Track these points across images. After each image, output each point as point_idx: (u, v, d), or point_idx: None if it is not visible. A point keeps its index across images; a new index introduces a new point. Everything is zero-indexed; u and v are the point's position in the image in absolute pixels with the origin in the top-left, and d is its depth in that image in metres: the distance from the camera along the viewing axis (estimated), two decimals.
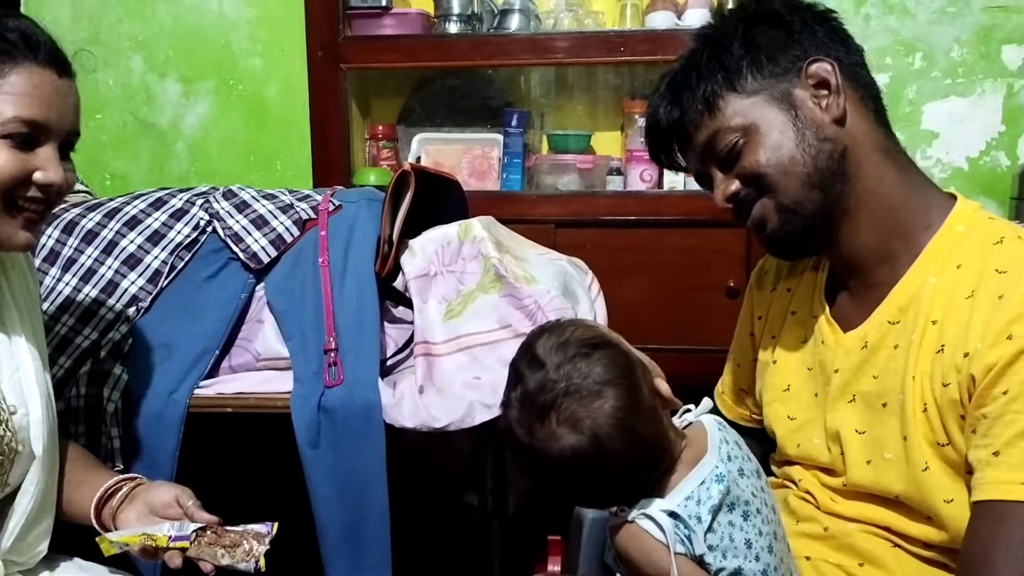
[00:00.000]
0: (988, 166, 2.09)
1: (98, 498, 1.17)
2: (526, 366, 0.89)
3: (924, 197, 1.00)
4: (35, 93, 1.01)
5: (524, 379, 0.88)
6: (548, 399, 0.86)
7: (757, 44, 0.99)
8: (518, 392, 0.89)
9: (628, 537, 0.87)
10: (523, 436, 0.87)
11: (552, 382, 0.86)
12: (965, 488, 0.90)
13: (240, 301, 1.55)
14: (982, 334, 0.88)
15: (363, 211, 1.63)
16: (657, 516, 0.85)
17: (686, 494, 0.89)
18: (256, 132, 2.23)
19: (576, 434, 0.85)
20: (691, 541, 0.86)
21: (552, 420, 0.85)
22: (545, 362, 0.87)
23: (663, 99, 1.05)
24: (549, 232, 2.04)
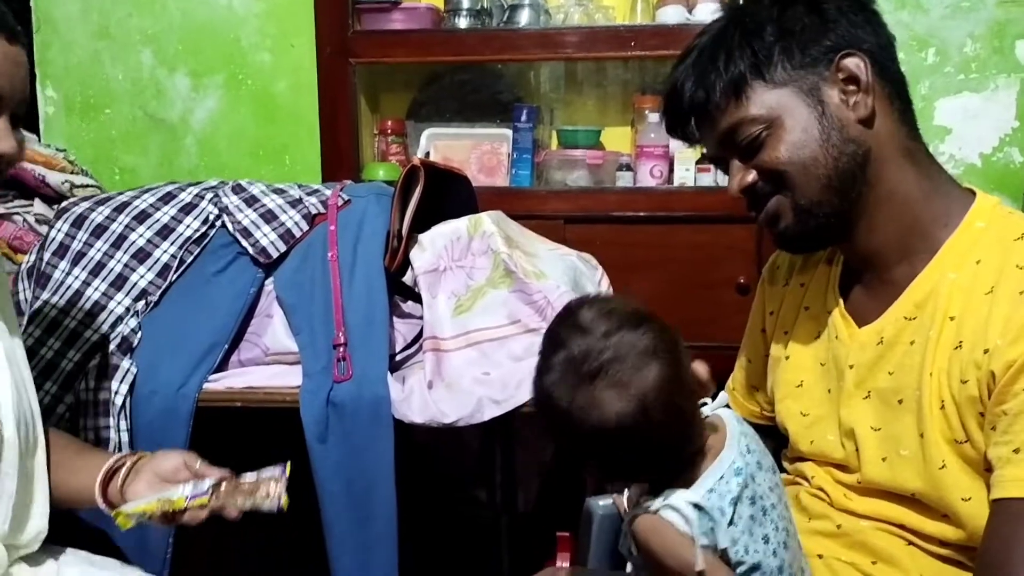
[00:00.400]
0: (1001, 162, 2.07)
1: (102, 477, 1.15)
2: (569, 333, 0.87)
3: (944, 195, 0.99)
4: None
5: (567, 344, 0.86)
6: (594, 365, 0.84)
7: (790, 30, 0.96)
8: (560, 357, 0.86)
9: (651, 529, 0.85)
10: (562, 401, 0.85)
11: (599, 349, 0.84)
12: (983, 486, 0.89)
13: (249, 295, 1.55)
14: (1002, 330, 0.87)
15: (372, 206, 1.62)
16: (682, 508, 0.84)
17: (709, 486, 0.87)
18: (265, 127, 2.23)
19: (621, 400, 0.83)
20: (715, 533, 0.85)
21: (597, 386, 0.83)
22: (591, 329, 0.86)
23: (687, 75, 1.01)
24: (558, 228, 2.03)
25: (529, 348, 1.49)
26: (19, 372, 1.14)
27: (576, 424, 0.84)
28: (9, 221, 1.77)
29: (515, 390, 1.43)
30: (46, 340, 1.47)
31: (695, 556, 0.83)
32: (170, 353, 1.48)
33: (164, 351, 1.49)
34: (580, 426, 0.84)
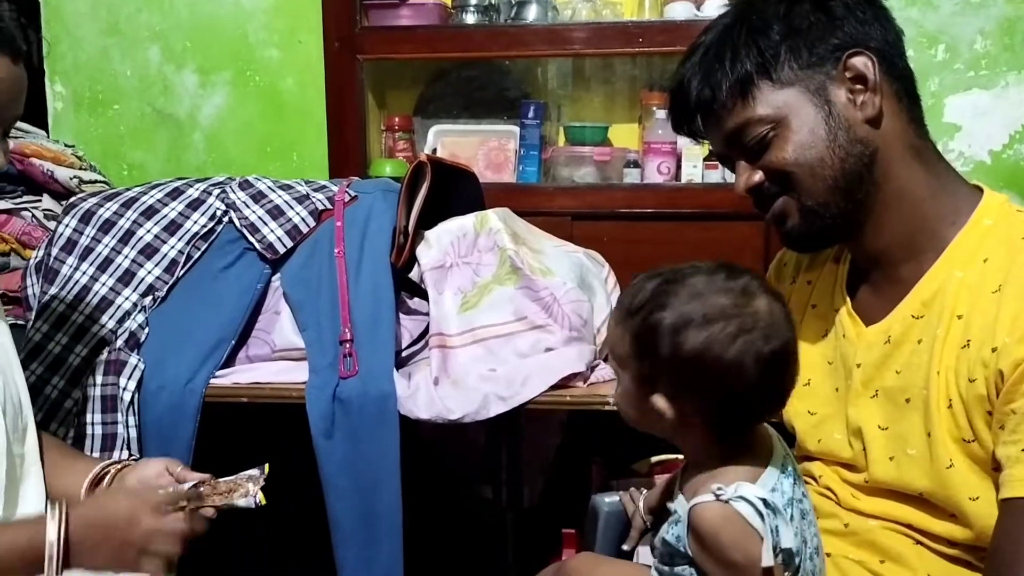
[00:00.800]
0: (1011, 159, 2.05)
1: (88, 482, 1.17)
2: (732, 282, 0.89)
3: (951, 193, 0.98)
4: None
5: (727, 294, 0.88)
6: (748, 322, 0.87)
7: (797, 28, 0.96)
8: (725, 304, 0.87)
9: (723, 519, 0.83)
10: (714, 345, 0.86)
11: (752, 314, 0.87)
12: (991, 485, 0.88)
13: (256, 291, 1.55)
14: (1010, 329, 0.87)
15: (379, 202, 1.62)
16: (756, 502, 0.83)
17: (771, 485, 0.87)
18: (272, 123, 2.23)
19: (768, 344, 0.86)
20: (779, 532, 0.83)
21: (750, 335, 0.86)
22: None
23: (694, 73, 1.01)
24: (565, 225, 2.03)
25: (535, 345, 1.49)
26: (5, 357, 1.14)
27: (715, 356, 0.86)
28: (18, 217, 1.78)
29: (521, 387, 1.43)
30: (54, 335, 1.48)
31: (764, 552, 0.82)
32: (177, 349, 1.49)
33: (171, 347, 1.49)
34: (720, 357, 0.85)
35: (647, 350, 0.88)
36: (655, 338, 0.87)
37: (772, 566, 0.82)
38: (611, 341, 0.95)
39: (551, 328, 1.49)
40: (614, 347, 0.94)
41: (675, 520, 0.89)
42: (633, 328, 0.90)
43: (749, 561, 0.82)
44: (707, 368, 0.85)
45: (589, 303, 1.54)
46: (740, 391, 0.86)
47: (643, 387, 0.90)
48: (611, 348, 0.95)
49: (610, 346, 0.95)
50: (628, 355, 0.91)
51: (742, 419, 0.90)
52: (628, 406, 0.94)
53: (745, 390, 0.86)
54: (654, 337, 0.87)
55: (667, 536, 0.89)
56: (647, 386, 0.89)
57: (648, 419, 0.92)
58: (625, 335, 0.91)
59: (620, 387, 0.95)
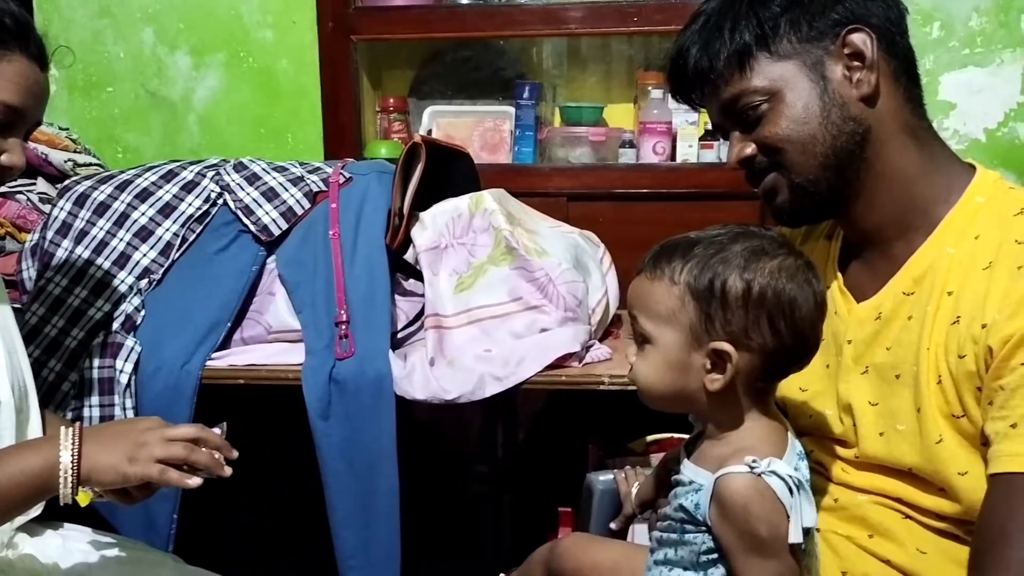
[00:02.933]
0: (1006, 138, 2.05)
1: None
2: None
3: (944, 172, 0.98)
4: (23, 84, 1.06)
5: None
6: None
7: (799, 1, 0.96)
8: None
9: (755, 491, 0.83)
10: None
11: (799, 254, 0.90)
12: (980, 460, 0.89)
13: (251, 273, 1.56)
14: (1000, 305, 0.87)
15: (374, 183, 1.62)
16: (787, 479, 0.83)
17: (794, 464, 0.88)
18: (267, 105, 2.22)
19: (819, 283, 0.90)
20: (802, 510, 0.84)
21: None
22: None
23: (693, 41, 1.01)
24: (561, 205, 2.03)
25: (530, 325, 1.49)
26: (10, 337, 1.16)
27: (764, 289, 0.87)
28: (13, 200, 1.77)
29: (516, 367, 1.43)
30: (50, 318, 1.48)
31: (792, 529, 0.82)
32: (173, 331, 1.49)
33: (167, 329, 1.50)
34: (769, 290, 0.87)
35: (711, 294, 0.87)
36: (721, 279, 0.86)
37: (799, 543, 0.83)
38: (647, 301, 0.91)
39: (546, 309, 1.50)
40: (654, 306, 0.90)
41: (695, 488, 0.89)
42: (689, 277, 0.88)
43: (773, 535, 0.83)
44: (777, 299, 0.86)
45: (584, 283, 1.55)
46: (800, 325, 0.87)
47: (697, 338, 0.88)
48: (646, 309, 0.91)
49: (643, 308, 0.91)
50: (677, 308, 0.88)
51: (791, 362, 0.91)
52: (662, 371, 0.90)
53: (803, 324, 0.87)
54: (720, 278, 0.87)
55: (685, 502, 0.89)
56: (705, 335, 0.87)
57: (683, 382, 0.90)
58: (673, 287, 0.88)
59: (653, 353, 0.91)
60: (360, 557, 1.48)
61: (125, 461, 0.98)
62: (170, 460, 0.99)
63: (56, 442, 0.97)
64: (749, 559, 0.84)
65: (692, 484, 0.89)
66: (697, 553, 0.88)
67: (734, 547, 0.85)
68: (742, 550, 0.84)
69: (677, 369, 0.90)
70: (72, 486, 0.97)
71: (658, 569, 0.93)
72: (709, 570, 0.88)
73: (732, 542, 0.85)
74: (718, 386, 0.88)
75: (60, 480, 0.96)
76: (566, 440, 1.85)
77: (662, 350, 0.90)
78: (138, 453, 0.98)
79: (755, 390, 0.90)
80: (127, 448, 0.98)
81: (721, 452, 0.89)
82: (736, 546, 0.85)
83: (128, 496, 1.05)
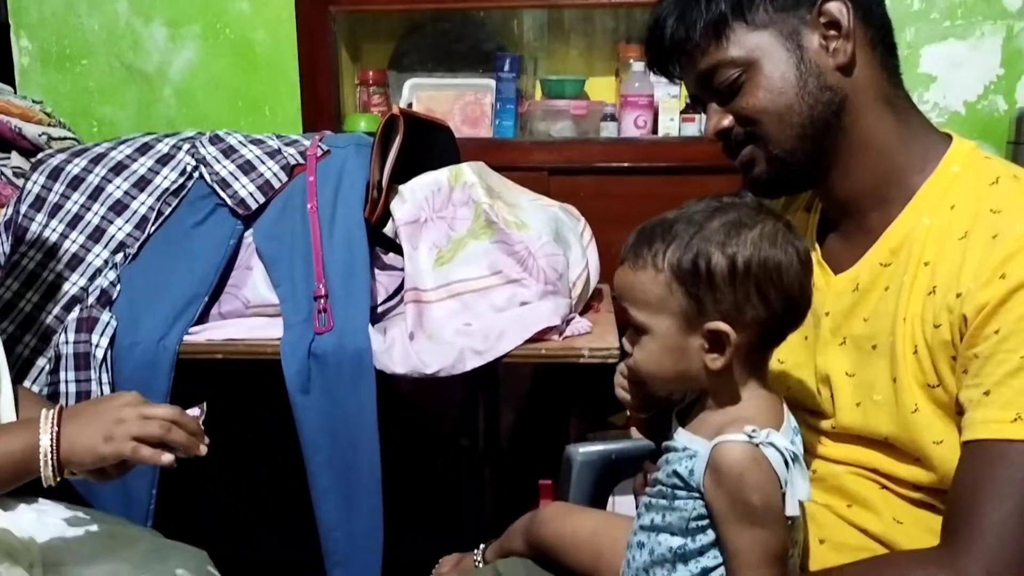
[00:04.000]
0: (986, 110, 2.06)
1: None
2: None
3: (921, 141, 0.98)
4: None
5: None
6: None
7: None
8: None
9: (752, 460, 0.83)
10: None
11: (775, 219, 0.90)
12: (955, 430, 0.89)
13: (229, 247, 1.54)
14: (975, 274, 0.87)
15: (352, 156, 1.61)
16: (784, 451, 0.83)
17: (789, 437, 0.88)
18: (244, 77, 2.19)
19: (800, 242, 0.90)
20: (796, 484, 0.84)
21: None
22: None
23: (670, 12, 1.00)
24: (542, 179, 2.02)
25: (510, 299, 1.49)
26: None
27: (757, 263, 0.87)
28: None
29: (496, 341, 1.43)
30: (24, 293, 1.47)
31: (788, 502, 0.83)
32: (150, 306, 1.48)
33: (144, 304, 1.48)
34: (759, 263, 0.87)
35: (696, 276, 0.86)
36: (704, 258, 0.86)
37: (795, 515, 0.84)
38: (634, 292, 0.91)
39: (526, 282, 1.50)
40: (641, 296, 0.90)
41: (689, 455, 0.89)
42: (672, 262, 0.88)
43: (765, 506, 0.83)
44: (763, 270, 0.86)
45: (564, 257, 1.54)
46: (789, 290, 0.87)
47: (690, 322, 0.88)
48: (635, 300, 0.91)
49: (631, 299, 0.91)
50: (665, 295, 0.88)
51: (784, 328, 0.91)
52: (661, 357, 0.90)
53: (792, 289, 0.88)
54: (703, 258, 0.86)
55: (679, 468, 0.89)
56: (698, 318, 0.87)
57: (684, 365, 0.90)
58: (658, 275, 0.88)
59: (650, 342, 0.91)
60: (342, 530, 1.48)
61: (101, 441, 0.97)
62: (146, 439, 0.98)
63: (35, 425, 0.97)
64: (739, 527, 0.85)
65: (686, 451, 0.90)
66: (687, 519, 0.89)
67: (725, 515, 0.85)
68: (733, 518, 0.85)
69: (676, 354, 0.90)
70: (53, 469, 0.97)
71: (644, 534, 0.93)
72: (697, 536, 0.89)
73: (724, 510, 0.85)
74: (719, 364, 0.88)
75: (40, 463, 0.96)
76: (547, 413, 1.85)
77: (658, 338, 0.90)
78: (114, 431, 0.97)
79: (752, 361, 0.90)
80: (104, 427, 0.98)
81: (719, 420, 0.89)
82: (728, 514, 0.85)
83: (103, 474, 1.04)
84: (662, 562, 0.91)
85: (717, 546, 0.88)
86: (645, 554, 0.93)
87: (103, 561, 1.18)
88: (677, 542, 0.90)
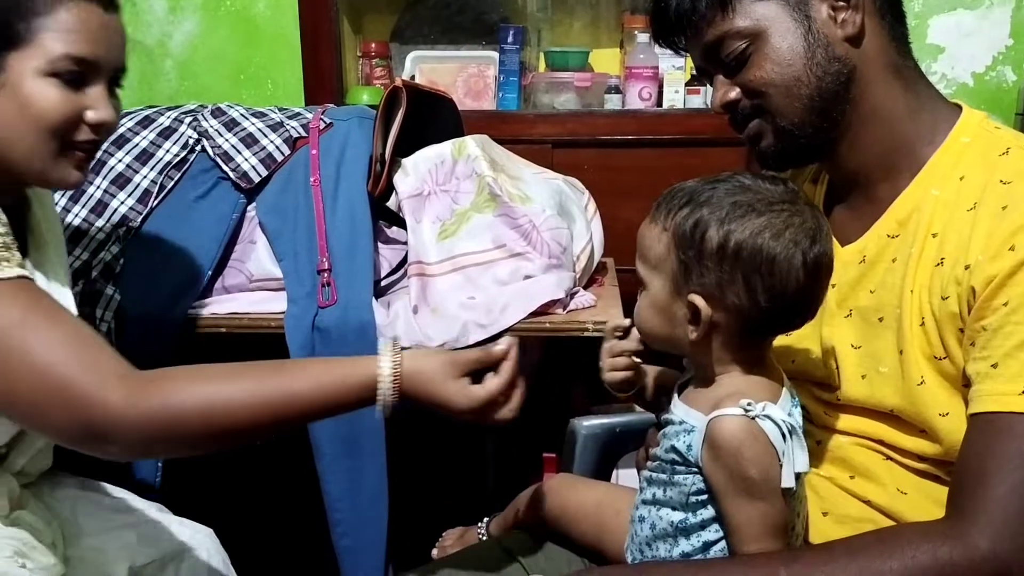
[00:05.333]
0: (994, 82, 2.04)
1: None
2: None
3: (930, 112, 0.97)
4: (83, 29, 0.99)
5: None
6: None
7: None
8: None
9: (748, 433, 0.83)
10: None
11: (800, 212, 0.88)
12: (961, 402, 0.89)
13: (232, 221, 1.53)
14: (984, 246, 0.87)
15: (355, 129, 1.60)
16: (781, 423, 0.83)
17: (788, 409, 0.88)
18: (246, 49, 2.18)
19: (815, 245, 0.88)
20: (794, 456, 0.84)
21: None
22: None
23: None
24: (546, 152, 2.01)
25: (514, 272, 1.48)
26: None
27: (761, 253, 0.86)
28: None
29: (500, 314, 1.43)
30: None
31: (784, 474, 0.83)
32: (154, 280, 1.48)
33: (148, 278, 1.48)
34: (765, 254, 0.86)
35: (690, 243, 0.86)
36: (701, 229, 0.86)
37: (791, 487, 0.84)
38: (643, 246, 0.92)
39: (530, 255, 1.49)
40: (646, 251, 0.91)
41: (686, 429, 0.89)
42: (676, 223, 0.88)
43: (763, 478, 0.83)
44: (753, 258, 0.85)
45: (568, 230, 1.54)
46: (779, 288, 0.86)
47: (678, 287, 0.88)
48: (641, 254, 0.92)
49: (640, 252, 0.92)
50: (664, 255, 0.89)
51: (773, 324, 0.90)
52: (652, 315, 0.92)
53: (784, 288, 0.86)
54: (700, 228, 0.86)
55: (677, 443, 0.89)
56: (684, 285, 0.88)
57: (670, 328, 0.90)
58: (663, 234, 0.89)
59: (645, 298, 0.93)
60: (347, 500, 1.49)
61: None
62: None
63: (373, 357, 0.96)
64: (738, 501, 0.85)
65: (683, 424, 0.89)
66: (686, 494, 0.89)
67: (724, 489, 0.85)
68: (732, 492, 0.85)
69: (664, 315, 0.91)
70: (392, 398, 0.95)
71: (646, 508, 0.94)
72: (698, 511, 0.89)
73: (723, 484, 0.85)
74: (694, 337, 0.89)
75: (380, 389, 0.95)
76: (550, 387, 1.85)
77: (652, 295, 0.91)
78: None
79: (736, 345, 0.89)
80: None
81: (715, 394, 0.89)
82: (726, 488, 0.85)
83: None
84: (664, 536, 0.91)
85: (718, 520, 0.88)
86: (647, 528, 0.93)
87: (112, 531, 1.19)
88: (678, 516, 0.90)
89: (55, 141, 1.01)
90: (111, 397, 0.87)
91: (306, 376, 0.95)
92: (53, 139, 1.00)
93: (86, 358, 0.90)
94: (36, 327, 0.89)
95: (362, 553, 1.50)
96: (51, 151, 1.01)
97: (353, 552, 1.51)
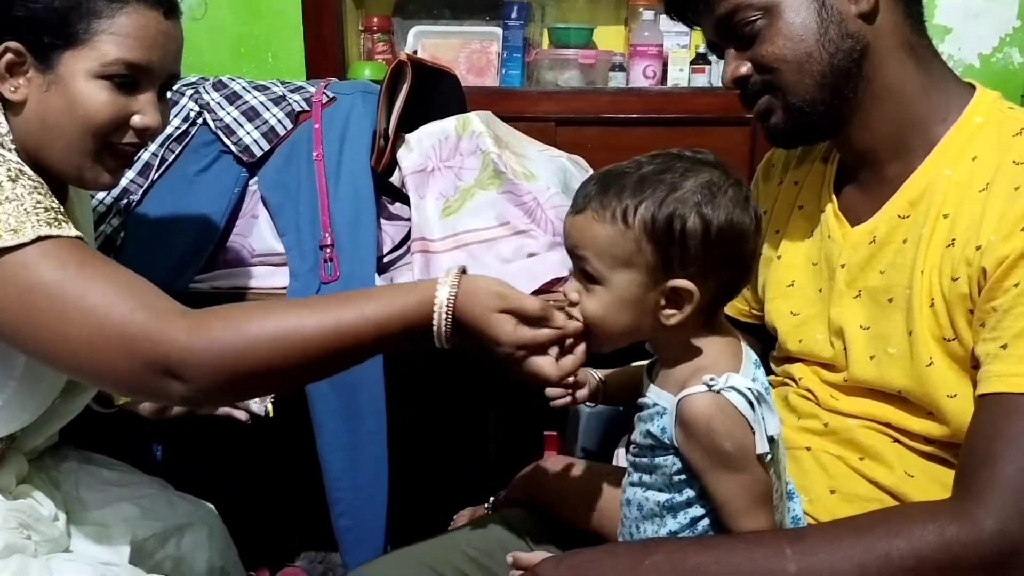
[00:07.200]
0: (1001, 63, 2.03)
1: None
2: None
3: (943, 91, 0.96)
4: (140, 35, 0.99)
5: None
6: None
7: None
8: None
9: (715, 408, 0.83)
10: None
11: (736, 183, 0.88)
12: (969, 383, 0.89)
13: (233, 195, 1.53)
14: (996, 227, 0.86)
15: (358, 104, 1.58)
16: (745, 392, 0.83)
17: (752, 375, 0.87)
18: (247, 23, 2.15)
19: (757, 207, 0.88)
20: (765, 421, 0.84)
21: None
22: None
23: None
24: (549, 130, 2.00)
25: (518, 250, 1.48)
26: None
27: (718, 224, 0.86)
28: None
29: None
30: None
31: (757, 441, 0.83)
32: (155, 253, 1.47)
33: (148, 251, 1.47)
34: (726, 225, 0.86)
35: (668, 235, 0.84)
36: (680, 220, 0.84)
37: (765, 453, 0.83)
38: (595, 244, 0.88)
39: (534, 233, 1.48)
40: (604, 251, 0.87)
41: (658, 412, 0.89)
42: (643, 218, 0.85)
43: (738, 449, 0.83)
44: (732, 233, 0.85)
45: None
46: (747, 253, 0.87)
47: (655, 278, 0.86)
48: (595, 252, 0.88)
49: (592, 251, 0.88)
50: (634, 250, 0.86)
51: (737, 288, 0.91)
52: (617, 311, 0.88)
53: (749, 253, 0.87)
54: (678, 219, 0.84)
55: (651, 428, 0.89)
56: (663, 275, 0.86)
57: (638, 319, 0.88)
58: (628, 231, 0.86)
59: (604, 295, 0.89)
60: (347, 479, 1.49)
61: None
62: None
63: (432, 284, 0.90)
64: (719, 475, 0.85)
65: (656, 407, 0.89)
66: (668, 475, 0.89)
67: (703, 466, 0.85)
68: (711, 467, 0.85)
69: (631, 308, 0.88)
70: (446, 325, 0.89)
71: (632, 491, 0.94)
72: (683, 490, 0.89)
73: (700, 461, 0.85)
74: (675, 321, 0.87)
75: (435, 317, 0.89)
76: None
77: (615, 291, 0.88)
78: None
79: (702, 320, 0.89)
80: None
81: (681, 374, 0.89)
82: (705, 464, 0.85)
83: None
84: (652, 516, 0.91)
85: (703, 497, 0.88)
86: (635, 510, 0.93)
87: (114, 504, 1.19)
88: (664, 497, 0.90)
89: (97, 142, 1.00)
90: (176, 333, 0.85)
91: (376, 299, 0.90)
92: (95, 140, 1.00)
93: (146, 300, 0.88)
94: (93, 277, 0.88)
95: (361, 532, 1.51)
96: (90, 151, 1.01)
97: (352, 531, 1.51)
